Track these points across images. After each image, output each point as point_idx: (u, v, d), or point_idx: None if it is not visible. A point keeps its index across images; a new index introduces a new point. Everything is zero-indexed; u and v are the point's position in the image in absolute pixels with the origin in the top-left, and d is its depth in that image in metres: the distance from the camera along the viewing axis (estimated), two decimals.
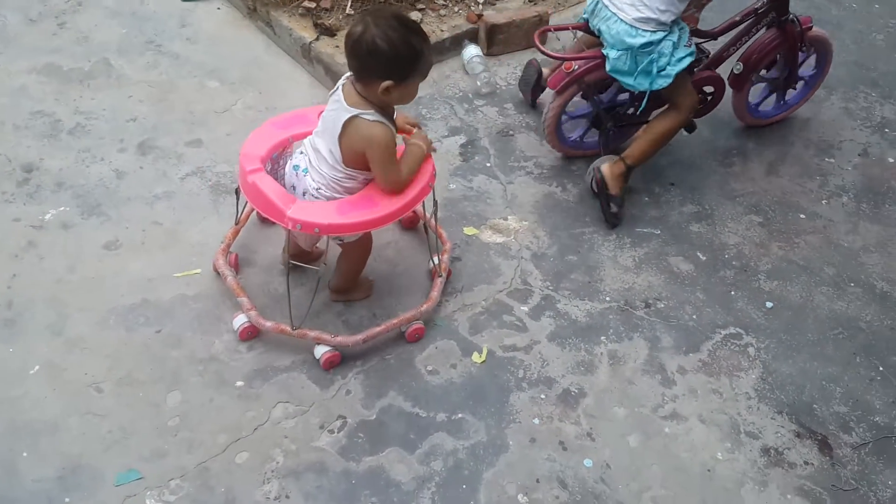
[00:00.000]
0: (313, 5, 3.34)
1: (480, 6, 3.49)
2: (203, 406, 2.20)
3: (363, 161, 2.12)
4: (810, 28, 2.95)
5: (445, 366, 2.36)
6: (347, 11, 3.33)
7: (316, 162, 2.18)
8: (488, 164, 3.02)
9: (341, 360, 2.33)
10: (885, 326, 2.56)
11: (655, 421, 2.27)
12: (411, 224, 2.74)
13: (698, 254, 2.76)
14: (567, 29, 2.83)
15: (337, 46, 3.22)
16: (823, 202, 2.98)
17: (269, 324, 2.32)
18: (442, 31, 3.37)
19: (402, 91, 2.05)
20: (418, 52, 2.01)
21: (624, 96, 2.92)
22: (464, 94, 3.30)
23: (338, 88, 2.11)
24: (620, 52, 2.59)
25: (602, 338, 2.48)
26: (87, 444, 2.10)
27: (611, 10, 2.59)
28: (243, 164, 2.21)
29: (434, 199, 2.41)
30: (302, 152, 2.24)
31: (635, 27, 2.53)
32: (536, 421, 2.25)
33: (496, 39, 3.41)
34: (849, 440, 2.26)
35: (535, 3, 3.59)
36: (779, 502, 2.10)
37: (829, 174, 3.09)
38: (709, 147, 3.14)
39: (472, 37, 3.43)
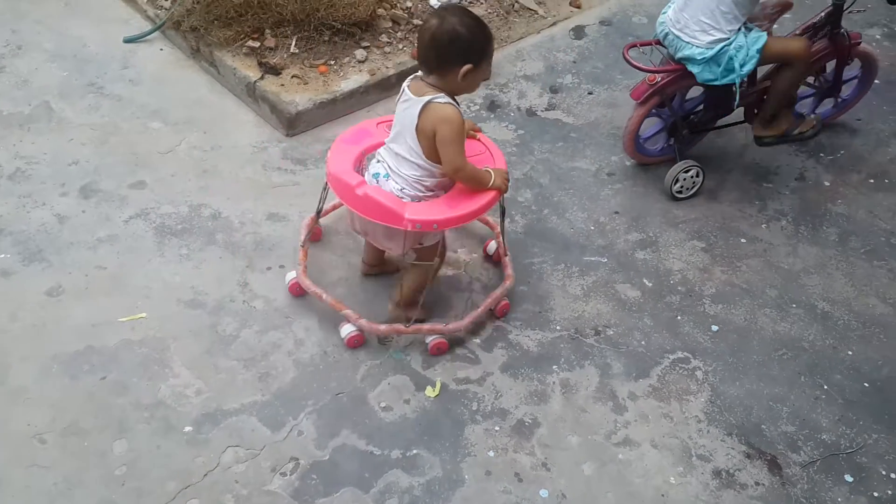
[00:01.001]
0: (257, 45, 3.35)
1: None
2: (151, 453, 2.15)
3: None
4: (859, 43, 3.18)
5: (399, 401, 2.35)
6: (292, 50, 3.35)
7: (395, 165, 2.30)
8: None
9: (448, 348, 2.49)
10: (828, 346, 2.63)
11: (609, 448, 2.29)
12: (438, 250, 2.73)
13: (644, 280, 2.80)
14: (651, 45, 3.03)
15: (282, 85, 3.23)
16: (763, 226, 3.06)
17: (383, 327, 2.43)
18: (387, 67, 3.40)
19: (478, 74, 2.21)
20: (490, 35, 2.22)
21: (691, 104, 3.17)
22: None
23: (404, 90, 2.24)
24: (702, 66, 2.84)
25: (554, 367, 2.50)
26: (32, 497, 2.03)
27: (684, 41, 2.84)
28: (346, 180, 2.28)
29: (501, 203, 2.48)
30: (378, 160, 2.36)
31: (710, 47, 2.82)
32: (491, 453, 2.25)
33: None
34: (797, 459, 2.30)
35: None
36: None
37: (767, 199, 3.17)
38: (652, 176, 3.21)
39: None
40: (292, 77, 3.27)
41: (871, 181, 3.32)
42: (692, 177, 3.07)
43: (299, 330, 2.50)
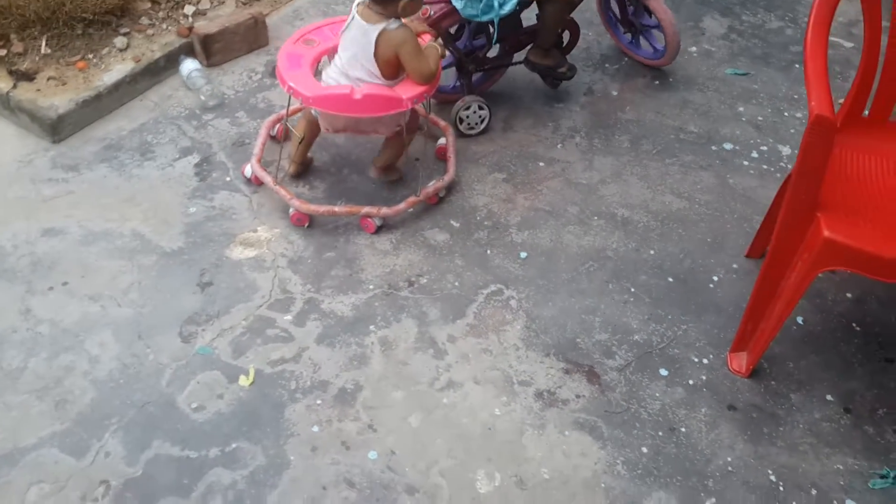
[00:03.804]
0: (4, 52, 3.06)
1: (190, 19, 3.34)
2: None
3: (397, 66, 2.53)
4: None
5: (212, 398, 2.24)
6: (43, 51, 3.08)
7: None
8: (228, 179, 2.90)
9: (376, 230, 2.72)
10: (630, 249, 2.71)
11: (433, 395, 2.28)
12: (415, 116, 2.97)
13: (452, 222, 2.79)
14: None
15: (38, 90, 2.97)
16: (559, 146, 3.10)
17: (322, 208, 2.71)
18: (153, 51, 3.19)
19: (416, 2, 2.49)
20: None
21: (480, 41, 3.08)
22: (190, 111, 3.14)
23: (354, 17, 2.50)
24: (464, 1, 2.81)
25: (371, 327, 2.45)
26: None
27: None
28: (335, 92, 2.52)
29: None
30: (334, 81, 2.59)
31: None
32: (316, 428, 2.18)
33: (214, 49, 3.28)
34: (613, 364, 2.37)
35: (248, 5, 3.48)
36: (558, 440, 2.17)
37: (560, 118, 3.22)
38: (447, 115, 3.18)
39: (188, 51, 3.27)
40: (48, 80, 3.01)
41: (657, 82, 3.42)
42: (474, 112, 3.05)
43: (93, 346, 2.33)
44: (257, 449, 2.13)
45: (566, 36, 3.20)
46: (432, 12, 2.89)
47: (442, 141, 3.00)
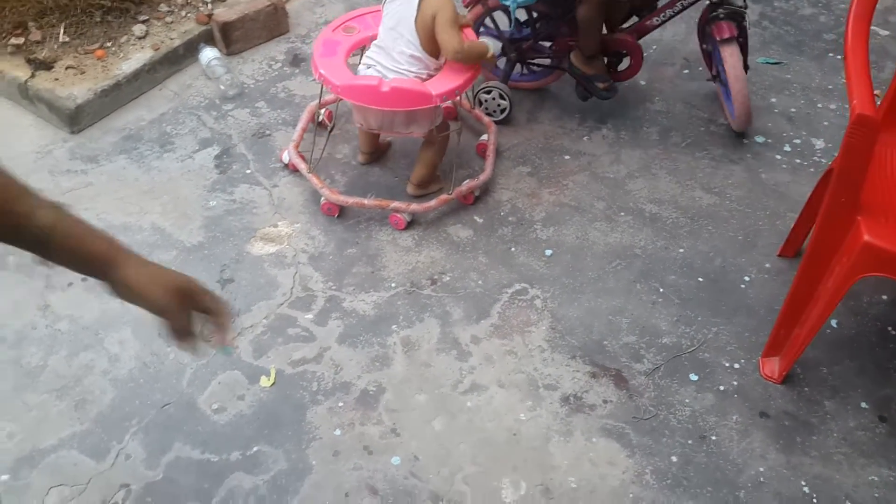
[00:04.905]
0: (22, 41, 3.02)
1: (209, 6, 3.28)
2: None
3: (436, 40, 2.46)
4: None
5: (232, 399, 2.21)
6: (62, 39, 3.03)
7: (393, 64, 2.50)
8: (248, 171, 2.85)
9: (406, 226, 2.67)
10: (659, 248, 2.64)
11: (457, 398, 2.23)
12: (452, 115, 2.97)
13: (475, 217, 2.73)
14: None
15: (56, 79, 2.93)
16: (585, 138, 3.02)
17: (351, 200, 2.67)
18: (172, 39, 3.14)
19: None
20: None
21: (527, 31, 3.00)
22: (210, 101, 3.09)
23: None
24: None
25: (393, 327, 2.41)
26: None
27: None
28: (364, 83, 2.46)
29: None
30: (368, 66, 2.54)
31: None
32: (338, 432, 2.15)
33: (233, 37, 3.22)
34: (641, 368, 2.31)
35: None
36: (585, 448, 2.12)
37: (586, 110, 3.14)
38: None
39: (208, 39, 3.22)
40: (67, 68, 2.97)
41: (686, 72, 3.33)
42: (493, 98, 2.98)
43: (112, 345, 2.31)
44: (279, 453, 2.10)
45: (626, 60, 3.00)
46: None
47: (484, 137, 2.92)
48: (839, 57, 3.36)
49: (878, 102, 2.33)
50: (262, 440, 2.12)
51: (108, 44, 3.07)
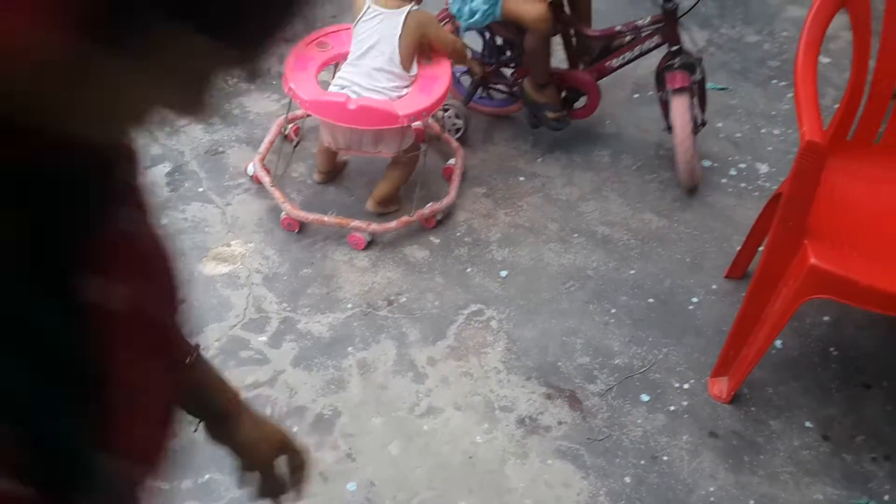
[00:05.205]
0: None
1: None
2: None
3: (415, 52, 2.58)
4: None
5: (183, 425, 2.16)
6: None
7: (369, 82, 2.53)
8: (200, 189, 2.82)
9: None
10: (611, 269, 2.69)
11: (413, 421, 2.23)
12: (421, 137, 2.92)
13: (431, 238, 2.74)
14: None
15: None
16: (539, 160, 3.06)
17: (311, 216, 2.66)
18: None
19: None
20: None
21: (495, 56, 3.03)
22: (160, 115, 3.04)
23: (369, 7, 2.55)
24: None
25: (349, 348, 2.40)
26: None
27: None
28: (331, 100, 2.49)
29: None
30: (342, 87, 2.55)
31: None
32: None
33: None
34: (595, 389, 2.34)
35: None
36: (540, 470, 2.14)
37: (539, 133, 3.17)
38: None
39: None
40: None
41: (636, 96, 3.40)
42: (449, 117, 3.01)
43: None
44: (231, 480, 2.06)
45: (584, 99, 3.03)
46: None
47: (451, 161, 2.93)
48: (783, 83, 3.47)
49: None
50: (213, 468, 2.08)
51: None
